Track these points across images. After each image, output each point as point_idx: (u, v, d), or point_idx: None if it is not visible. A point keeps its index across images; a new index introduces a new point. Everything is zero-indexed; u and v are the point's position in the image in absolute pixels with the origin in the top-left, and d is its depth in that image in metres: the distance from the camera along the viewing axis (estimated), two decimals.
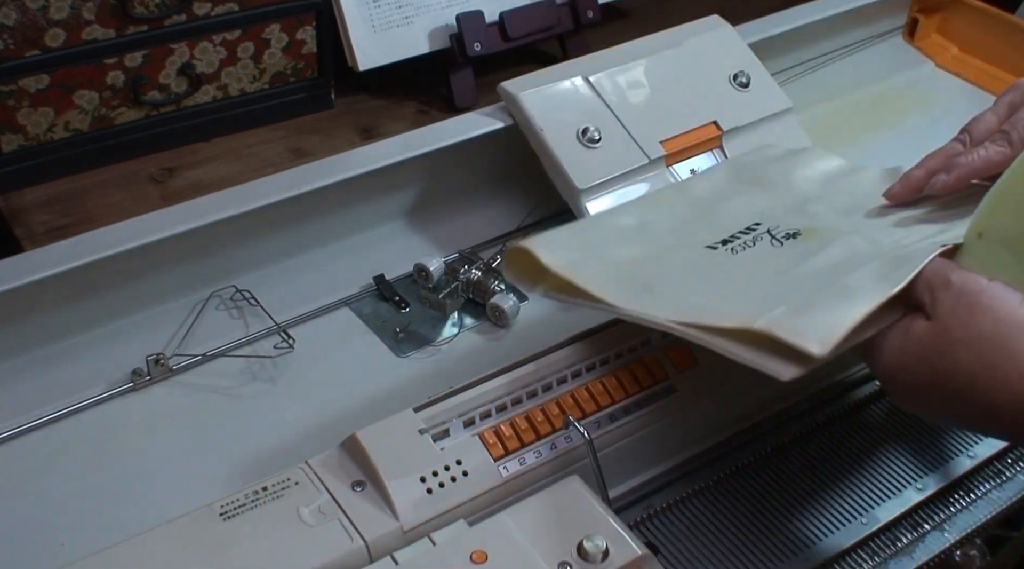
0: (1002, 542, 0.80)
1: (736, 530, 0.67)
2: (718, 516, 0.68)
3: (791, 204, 0.75)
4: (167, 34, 0.99)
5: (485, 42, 1.11)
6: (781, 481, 0.71)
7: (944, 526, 0.70)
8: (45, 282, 0.76)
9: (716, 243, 0.69)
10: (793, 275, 0.64)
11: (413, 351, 0.81)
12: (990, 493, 0.72)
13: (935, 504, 0.71)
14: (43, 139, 0.99)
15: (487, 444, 0.63)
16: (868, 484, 0.72)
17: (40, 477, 0.71)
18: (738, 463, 0.72)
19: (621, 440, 0.67)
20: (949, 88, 1.14)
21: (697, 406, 0.71)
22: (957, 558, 0.72)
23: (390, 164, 0.88)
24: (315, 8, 1.06)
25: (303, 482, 0.60)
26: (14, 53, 0.93)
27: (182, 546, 0.57)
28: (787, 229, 0.70)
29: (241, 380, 0.79)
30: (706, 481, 0.70)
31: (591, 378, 0.68)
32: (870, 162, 0.81)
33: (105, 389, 0.77)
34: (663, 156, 0.90)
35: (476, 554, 0.55)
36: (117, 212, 0.96)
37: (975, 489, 0.73)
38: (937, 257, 0.58)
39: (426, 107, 1.13)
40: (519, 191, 0.95)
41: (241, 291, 0.85)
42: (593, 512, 0.58)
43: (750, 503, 0.69)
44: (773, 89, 0.97)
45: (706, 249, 0.69)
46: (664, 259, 0.69)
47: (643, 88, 0.93)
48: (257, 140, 1.08)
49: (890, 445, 0.75)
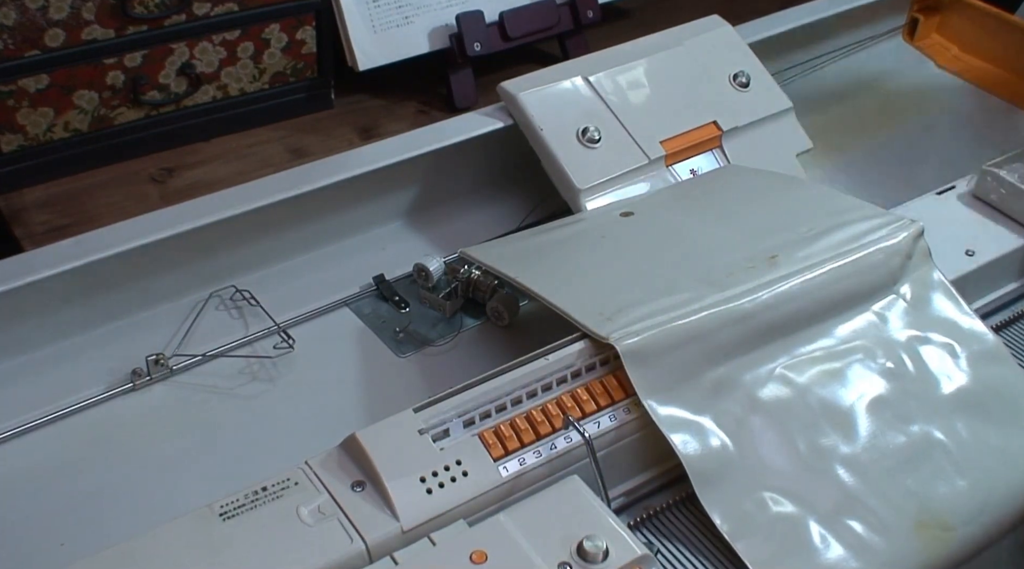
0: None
1: None
2: None
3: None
4: (167, 34, 0.99)
5: (485, 42, 1.11)
6: None
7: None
8: (45, 282, 0.76)
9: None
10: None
11: (413, 351, 0.81)
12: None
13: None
14: (43, 139, 0.99)
15: (487, 444, 0.63)
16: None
17: (40, 477, 0.71)
18: None
19: (621, 440, 0.66)
20: (949, 88, 1.14)
21: None
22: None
23: (390, 164, 0.88)
24: (315, 8, 1.06)
25: (303, 482, 0.60)
26: (14, 53, 0.93)
27: (182, 546, 0.57)
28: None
29: (241, 380, 0.79)
30: None
31: (591, 378, 0.68)
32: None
33: (105, 389, 0.77)
34: (663, 156, 0.90)
35: (476, 554, 0.55)
36: (117, 212, 0.96)
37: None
38: None
39: (426, 107, 1.13)
40: (519, 191, 0.95)
41: (241, 291, 0.85)
42: (593, 512, 0.58)
43: None
44: (773, 89, 0.97)
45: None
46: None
47: (643, 88, 0.93)
48: (257, 140, 1.08)
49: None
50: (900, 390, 0.71)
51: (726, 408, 0.67)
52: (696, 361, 0.68)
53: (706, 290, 0.70)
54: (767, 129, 0.95)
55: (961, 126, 1.08)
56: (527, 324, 0.83)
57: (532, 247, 0.82)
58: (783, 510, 0.64)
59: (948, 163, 1.00)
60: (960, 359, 0.73)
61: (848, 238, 0.75)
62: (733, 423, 0.67)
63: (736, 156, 0.93)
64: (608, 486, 0.65)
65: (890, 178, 1.00)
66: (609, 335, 0.66)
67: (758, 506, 0.64)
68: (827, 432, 0.68)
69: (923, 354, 0.73)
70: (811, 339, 0.72)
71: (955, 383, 0.72)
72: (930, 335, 0.74)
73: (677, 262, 0.75)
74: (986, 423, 0.70)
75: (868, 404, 0.70)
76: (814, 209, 0.80)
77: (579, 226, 0.84)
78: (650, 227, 0.82)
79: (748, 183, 0.88)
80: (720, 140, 0.93)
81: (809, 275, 0.72)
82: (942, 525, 0.65)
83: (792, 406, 0.69)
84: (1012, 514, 0.67)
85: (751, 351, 0.70)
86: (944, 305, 0.75)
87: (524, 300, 0.84)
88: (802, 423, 0.68)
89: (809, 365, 0.70)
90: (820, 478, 0.66)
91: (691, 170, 0.92)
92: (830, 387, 0.70)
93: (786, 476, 0.66)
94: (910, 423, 0.69)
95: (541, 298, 0.72)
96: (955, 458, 0.68)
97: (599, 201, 0.87)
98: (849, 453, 0.67)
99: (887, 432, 0.69)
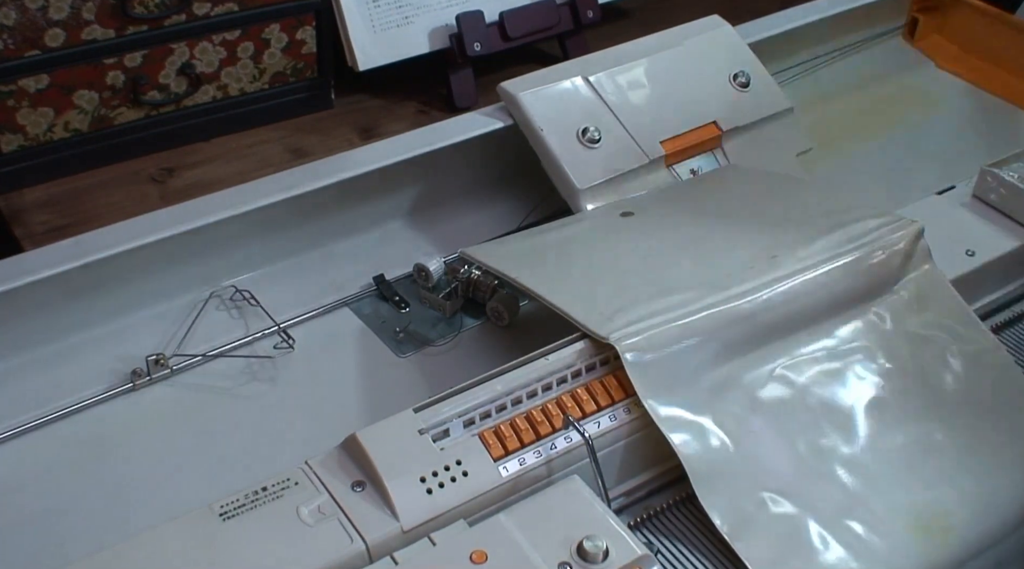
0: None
1: None
2: None
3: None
4: (167, 34, 0.99)
5: (485, 42, 1.11)
6: None
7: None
8: (45, 282, 0.76)
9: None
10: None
11: (413, 351, 0.81)
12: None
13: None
14: (43, 139, 0.99)
15: (487, 444, 0.63)
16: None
17: (40, 477, 0.71)
18: None
19: (621, 440, 0.66)
20: (949, 88, 1.14)
21: None
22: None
23: (390, 164, 0.88)
24: (315, 8, 1.06)
25: (303, 482, 0.60)
26: (14, 53, 0.93)
27: (182, 546, 0.57)
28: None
29: (241, 380, 0.79)
30: None
31: (591, 378, 0.68)
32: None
33: (105, 389, 0.77)
34: (663, 156, 0.90)
35: (476, 554, 0.55)
36: (117, 212, 0.96)
37: None
38: None
39: (426, 107, 1.13)
40: (519, 191, 0.95)
41: (241, 291, 0.85)
42: (593, 512, 0.58)
43: None
44: (773, 89, 0.97)
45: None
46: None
47: (643, 88, 0.93)
48: (257, 140, 1.08)
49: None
50: (900, 390, 0.71)
51: (726, 408, 0.67)
52: (696, 361, 0.68)
53: (706, 290, 0.70)
54: (767, 129, 0.95)
55: (961, 126, 1.08)
56: (527, 324, 0.83)
57: (532, 247, 0.82)
58: (783, 510, 0.64)
59: (948, 163, 1.00)
60: (960, 359, 0.73)
61: (848, 238, 0.75)
62: (733, 423, 0.67)
63: (736, 156, 0.93)
64: (608, 486, 0.65)
65: (890, 178, 1.00)
66: (609, 335, 0.66)
67: (758, 506, 0.64)
68: (827, 432, 0.68)
69: (923, 354, 0.73)
70: (811, 339, 0.72)
71: (955, 383, 0.72)
72: (930, 335, 0.74)
73: (677, 262, 0.75)
74: (986, 423, 0.70)
75: (868, 404, 0.70)
76: (814, 209, 0.80)
77: (579, 226, 0.84)
78: (650, 227, 0.82)
79: (748, 183, 0.88)
80: (720, 140, 0.93)
81: (809, 275, 0.72)
82: (942, 526, 0.65)
83: (792, 406, 0.69)
84: (1012, 514, 0.67)
85: (751, 351, 0.70)
86: (944, 305, 0.75)
87: (524, 300, 0.84)
88: (802, 423, 0.68)
89: (809, 365, 0.70)
90: (820, 478, 0.66)
91: (691, 170, 0.92)
92: (830, 387, 0.70)
93: (786, 476, 0.66)
94: (910, 423, 0.69)
95: (541, 298, 0.72)
96: (955, 458, 0.68)
97: (599, 201, 0.87)
98: (849, 453, 0.67)
99: (887, 433, 0.69)
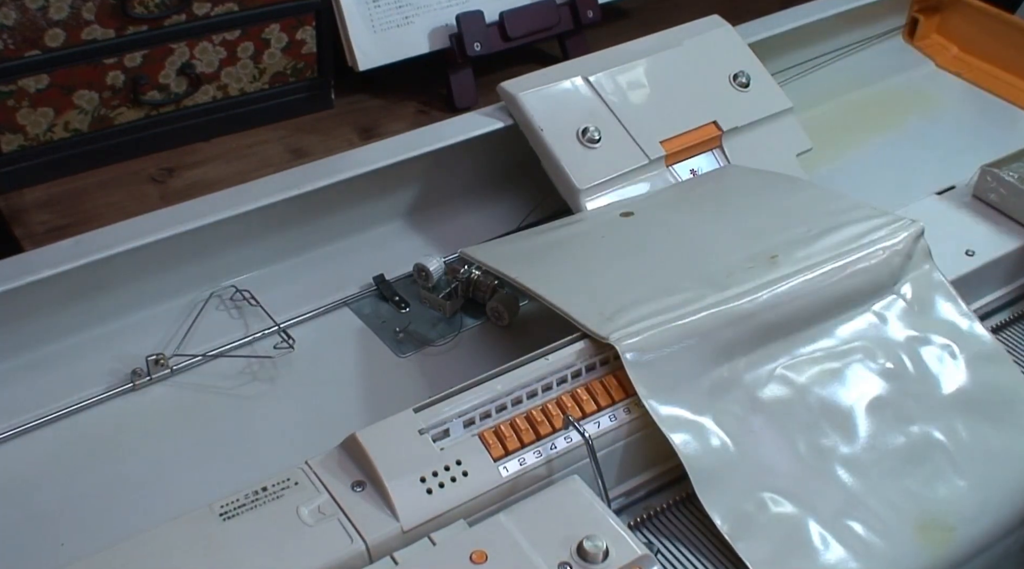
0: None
1: None
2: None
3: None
4: (167, 34, 0.99)
5: (485, 42, 1.11)
6: None
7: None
8: (45, 282, 0.76)
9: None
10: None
11: (413, 351, 0.81)
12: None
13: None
14: (43, 139, 0.99)
15: (487, 444, 0.63)
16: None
17: (40, 477, 0.71)
18: None
19: (621, 440, 0.66)
20: (949, 88, 1.14)
21: None
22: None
23: (390, 164, 0.88)
24: (315, 8, 1.05)
25: (303, 482, 0.60)
26: (14, 53, 0.93)
27: (182, 546, 0.57)
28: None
29: (241, 380, 0.79)
30: None
31: (591, 378, 0.68)
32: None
33: (105, 389, 0.77)
34: (663, 156, 0.90)
35: (476, 554, 0.55)
36: (117, 212, 0.96)
37: None
38: None
39: (426, 107, 1.13)
40: (519, 191, 0.95)
41: (241, 291, 0.85)
42: (593, 512, 0.58)
43: None
44: (773, 89, 0.97)
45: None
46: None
47: (643, 88, 0.93)
48: (257, 140, 1.08)
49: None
50: (900, 390, 0.71)
51: (726, 408, 0.67)
52: (696, 361, 0.68)
53: (706, 290, 0.70)
54: (767, 129, 0.95)
55: (961, 126, 1.08)
56: (527, 324, 0.83)
57: (532, 247, 0.82)
58: (783, 510, 0.64)
59: (948, 163, 1.00)
60: (960, 360, 0.73)
61: (848, 238, 0.75)
62: (733, 423, 0.67)
63: (736, 156, 0.93)
64: (608, 486, 0.65)
65: (890, 178, 1.00)
66: (609, 335, 0.66)
67: (758, 506, 0.64)
68: (827, 432, 0.68)
69: (923, 354, 0.73)
70: (811, 339, 0.72)
71: (955, 383, 0.72)
72: (930, 335, 0.74)
73: (677, 262, 0.75)
74: (985, 423, 0.70)
75: (868, 404, 0.70)
76: (814, 209, 0.80)
77: (579, 226, 0.84)
78: (650, 227, 0.82)
79: (748, 183, 0.88)
80: (720, 140, 0.93)
81: (809, 275, 0.72)
82: (942, 525, 0.65)
83: (792, 406, 0.69)
84: (1012, 514, 0.67)
85: (751, 351, 0.70)
86: (944, 305, 0.75)
87: (524, 300, 0.84)
88: (802, 423, 0.68)
89: (809, 365, 0.70)
90: (820, 478, 0.66)
91: (691, 170, 0.92)
92: (830, 387, 0.70)
93: (786, 476, 0.66)
94: (910, 423, 0.69)
95: (541, 298, 0.72)
96: (955, 458, 0.68)
97: (599, 201, 0.87)
98: (849, 453, 0.67)
99: (887, 432, 0.69)
